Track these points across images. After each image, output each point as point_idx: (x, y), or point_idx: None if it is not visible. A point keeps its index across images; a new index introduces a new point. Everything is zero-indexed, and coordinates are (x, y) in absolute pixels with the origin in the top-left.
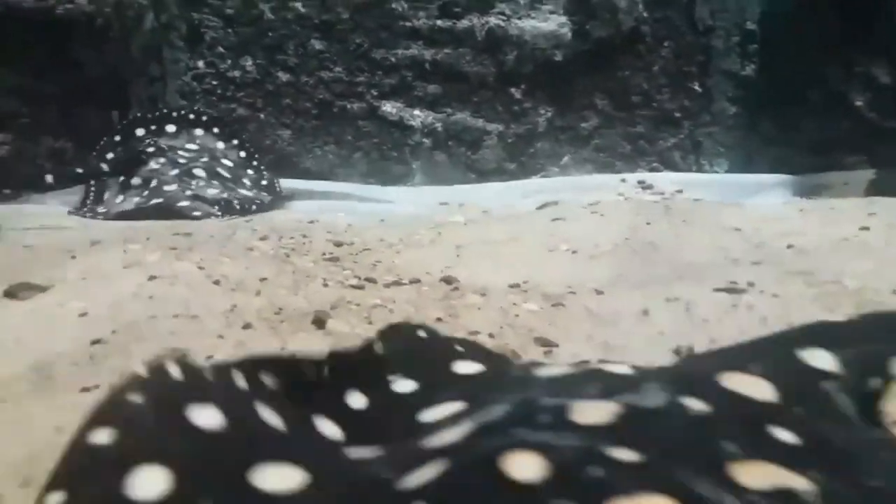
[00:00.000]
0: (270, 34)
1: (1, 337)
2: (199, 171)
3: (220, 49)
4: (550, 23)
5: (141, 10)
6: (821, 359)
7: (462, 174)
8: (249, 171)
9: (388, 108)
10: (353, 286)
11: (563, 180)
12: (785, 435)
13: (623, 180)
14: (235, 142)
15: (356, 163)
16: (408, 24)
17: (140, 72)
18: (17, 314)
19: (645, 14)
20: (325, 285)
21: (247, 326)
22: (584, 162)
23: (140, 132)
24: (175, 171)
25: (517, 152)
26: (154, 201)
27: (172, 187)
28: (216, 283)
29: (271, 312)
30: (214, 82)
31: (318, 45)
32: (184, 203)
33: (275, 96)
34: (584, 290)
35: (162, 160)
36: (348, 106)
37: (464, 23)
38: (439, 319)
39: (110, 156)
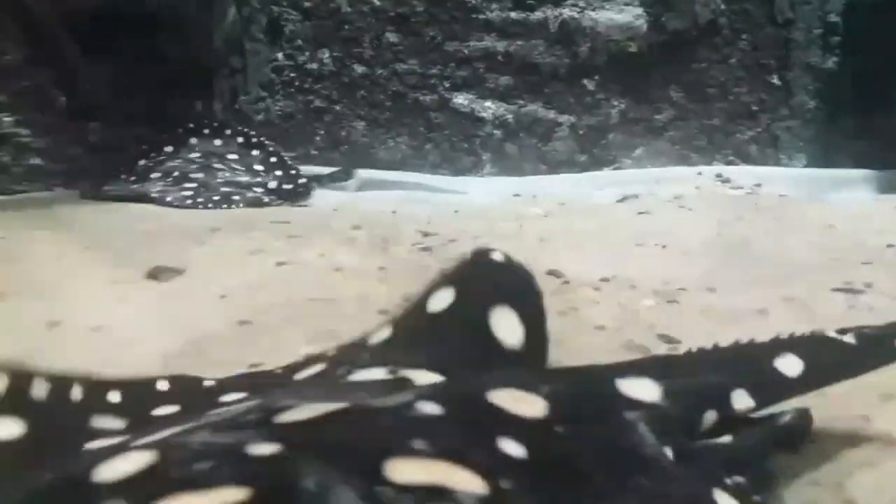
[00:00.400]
0: (347, 27)
1: (155, 314)
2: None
3: (299, 42)
4: (626, 14)
5: (224, 4)
6: (639, 388)
7: (533, 165)
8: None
9: (460, 99)
10: None
11: (637, 172)
12: (511, 447)
13: (699, 173)
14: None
15: (428, 153)
16: (481, 16)
17: (223, 63)
18: (162, 294)
19: (722, 6)
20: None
21: (382, 312)
22: (658, 154)
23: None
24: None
25: (589, 144)
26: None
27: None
28: (337, 270)
29: (400, 299)
30: (293, 74)
31: (392, 37)
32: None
33: (350, 88)
34: (693, 287)
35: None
36: (421, 98)
37: (537, 15)
38: (562, 314)
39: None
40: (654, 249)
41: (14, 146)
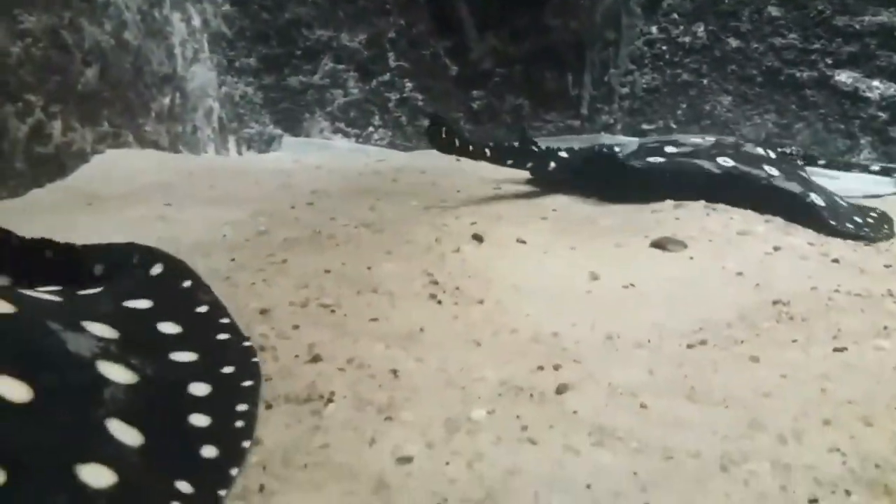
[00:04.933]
0: (726, 0)
1: (700, 283)
2: None
3: (675, 16)
4: None
5: None
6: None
7: None
8: None
9: (843, 77)
10: None
11: None
12: None
13: None
14: None
15: (797, 133)
16: None
17: (598, 36)
18: (677, 265)
19: None
20: None
21: None
22: None
23: None
24: None
25: None
26: None
27: None
28: (835, 261)
29: None
30: (664, 47)
31: (774, 11)
32: None
33: (721, 62)
34: None
35: None
36: (797, 74)
37: None
38: None
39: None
40: None
41: (410, 108)
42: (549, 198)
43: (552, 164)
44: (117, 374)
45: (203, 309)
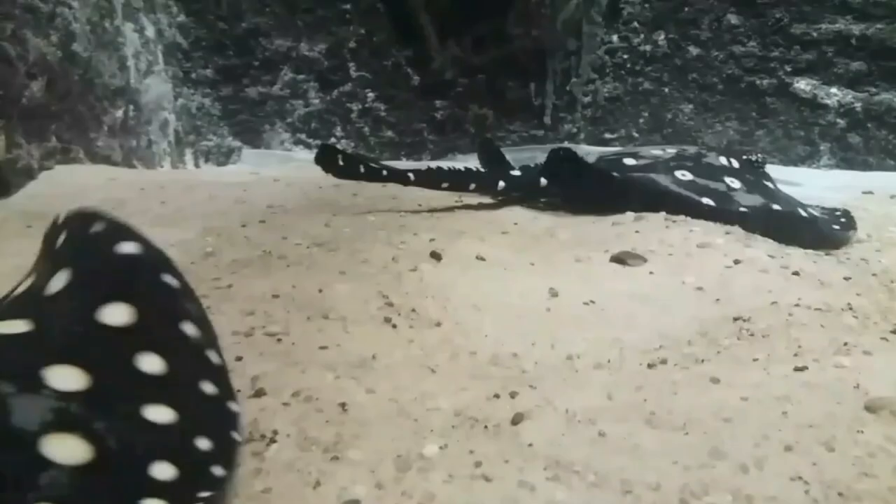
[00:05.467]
0: (686, 9)
1: (660, 299)
2: None
3: (636, 24)
4: None
5: None
6: None
7: (879, 160)
8: None
9: (802, 84)
10: None
11: None
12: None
13: None
14: None
15: (758, 140)
16: None
17: (560, 45)
18: (636, 280)
19: None
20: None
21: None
22: None
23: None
24: None
25: None
26: None
27: None
28: (795, 273)
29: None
30: (625, 56)
31: (734, 19)
32: None
33: (682, 71)
34: None
35: None
36: (757, 82)
37: None
38: None
39: None
40: None
41: (373, 119)
42: (510, 210)
43: (501, 184)
44: (68, 451)
45: (190, 331)
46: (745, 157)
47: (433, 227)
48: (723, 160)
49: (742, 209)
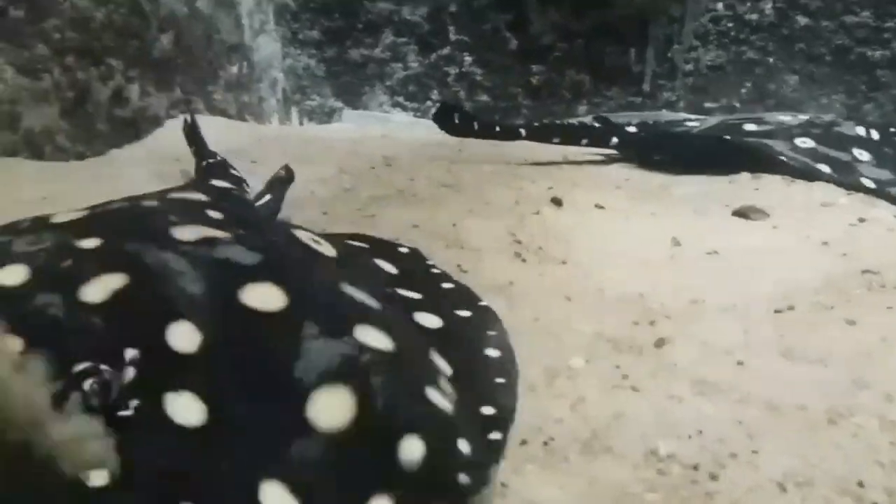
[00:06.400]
0: None
1: (785, 252)
2: None
3: None
4: None
5: None
6: None
7: None
8: None
9: None
10: None
11: None
12: (215, 214)
13: None
14: None
15: (867, 114)
16: None
17: (662, 12)
18: (760, 234)
19: None
20: None
21: None
22: None
23: None
24: None
25: None
26: None
27: None
28: None
29: None
30: (730, 24)
31: None
32: None
33: (788, 40)
34: None
35: None
36: (868, 53)
37: None
38: None
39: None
40: None
41: (469, 83)
42: (619, 168)
43: (614, 139)
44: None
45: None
46: (892, 129)
47: (548, 176)
48: (859, 130)
49: (864, 180)
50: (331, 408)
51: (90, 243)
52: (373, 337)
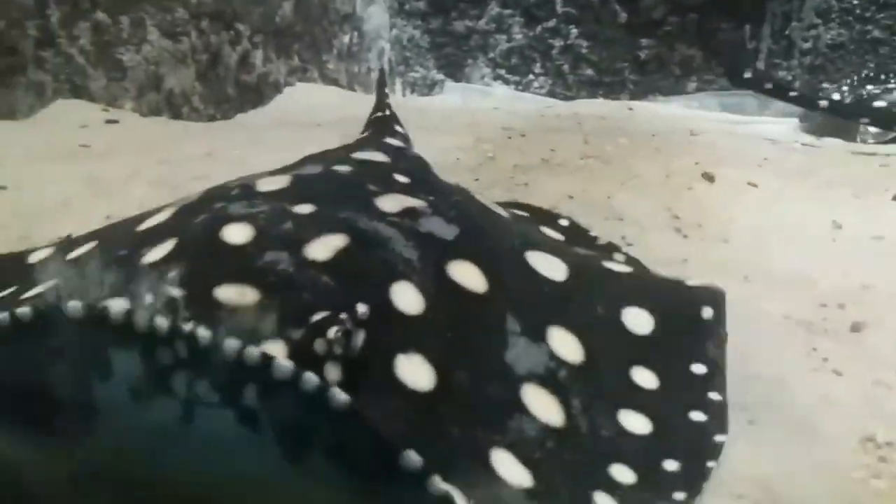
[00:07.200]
0: None
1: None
2: None
3: None
4: None
5: None
6: None
7: None
8: None
9: None
10: None
11: None
12: (402, 179)
13: None
14: None
15: None
16: None
17: None
18: None
19: None
20: None
21: None
22: None
23: None
24: None
25: None
26: None
27: None
28: None
29: None
30: (854, 2)
31: None
32: None
33: None
34: None
35: None
36: None
37: None
38: None
39: None
40: None
41: (573, 56)
42: (756, 146)
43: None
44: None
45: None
46: None
47: (688, 153)
48: None
49: None
50: (546, 405)
51: (304, 209)
52: (566, 345)
